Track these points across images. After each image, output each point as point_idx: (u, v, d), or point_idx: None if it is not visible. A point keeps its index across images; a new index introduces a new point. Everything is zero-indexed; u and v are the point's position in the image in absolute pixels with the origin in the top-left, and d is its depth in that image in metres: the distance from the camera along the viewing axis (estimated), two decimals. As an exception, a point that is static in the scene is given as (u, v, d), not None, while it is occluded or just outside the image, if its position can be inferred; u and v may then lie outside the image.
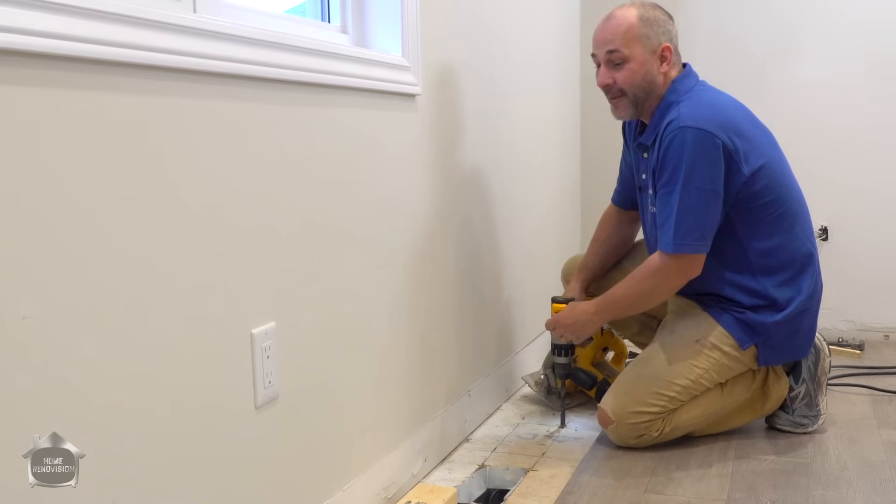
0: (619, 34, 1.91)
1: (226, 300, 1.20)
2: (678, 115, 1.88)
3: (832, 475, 1.81)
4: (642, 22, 1.92)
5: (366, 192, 1.58)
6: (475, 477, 1.87)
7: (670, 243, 1.88)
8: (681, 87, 1.95)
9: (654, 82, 1.94)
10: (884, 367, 2.59)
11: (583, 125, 3.21)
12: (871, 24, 2.90)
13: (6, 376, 0.87)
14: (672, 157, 1.86)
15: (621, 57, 1.92)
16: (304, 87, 1.39)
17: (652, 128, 1.97)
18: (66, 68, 0.93)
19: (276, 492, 1.32)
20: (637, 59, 1.92)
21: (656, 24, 1.93)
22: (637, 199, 2.15)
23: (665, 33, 1.95)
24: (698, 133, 1.84)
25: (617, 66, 1.93)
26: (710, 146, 1.84)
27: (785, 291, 1.96)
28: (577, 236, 3.15)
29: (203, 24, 1.14)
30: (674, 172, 1.87)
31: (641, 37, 1.91)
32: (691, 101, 1.91)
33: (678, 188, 1.86)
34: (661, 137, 1.91)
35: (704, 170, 1.85)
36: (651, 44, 1.92)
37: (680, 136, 1.85)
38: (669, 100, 1.95)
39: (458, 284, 2.03)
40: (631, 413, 1.95)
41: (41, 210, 0.91)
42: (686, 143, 1.84)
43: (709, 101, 1.93)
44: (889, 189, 2.92)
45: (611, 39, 1.92)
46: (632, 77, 1.93)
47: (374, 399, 1.63)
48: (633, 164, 2.13)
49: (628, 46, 1.91)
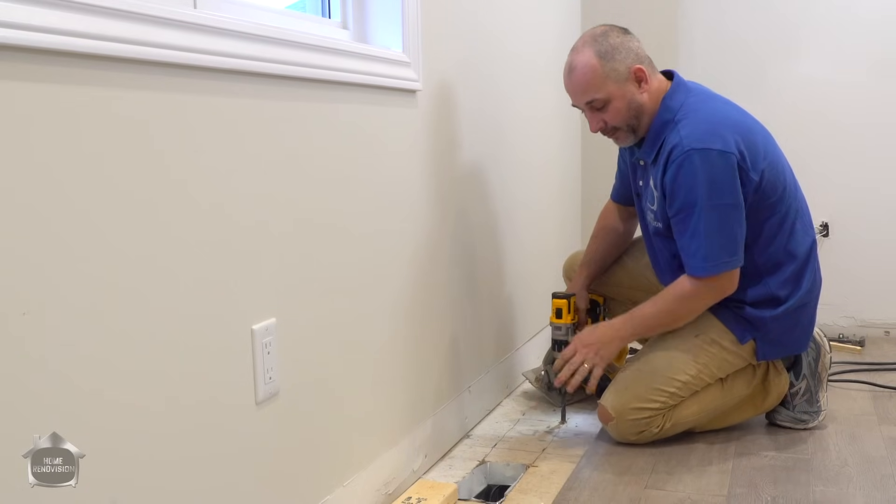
0: (588, 83, 1.89)
1: (226, 296, 1.20)
2: (680, 140, 1.85)
3: (832, 471, 1.81)
4: (603, 60, 1.88)
5: (366, 188, 1.58)
6: (475, 473, 1.87)
7: (702, 267, 1.86)
8: (672, 104, 1.92)
9: (642, 105, 1.92)
10: (884, 364, 2.59)
11: (583, 122, 3.20)
12: (872, 22, 2.89)
13: (6, 373, 0.87)
14: (684, 182, 1.84)
15: (601, 102, 1.91)
16: (305, 83, 1.38)
17: (650, 144, 1.95)
18: (64, 64, 0.93)
19: (277, 488, 1.32)
20: (615, 95, 1.90)
21: (616, 52, 1.90)
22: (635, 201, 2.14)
23: (628, 55, 1.91)
24: (706, 153, 1.82)
25: (601, 109, 1.92)
26: (721, 163, 1.83)
27: (786, 287, 1.97)
28: (577, 233, 3.15)
29: (203, 19, 1.13)
30: (688, 197, 1.84)
31: (609, 73, 1.88)
32: (688, 119, 1.88)
33: (698, 211, 1.83)
34: (665, 159, 1.88)
35: (721, 187, 1.83)
36: (620, 74, 1.89)
37: (688, 161, 1.83)
38: (664, 118, 1.92)
39: (458, 280, 2.03)
40: (631, 409, 1.95)
41: (41, 206, 0.90)
42: (697, 167, 1.82)
43: (705, 115, 1.90)
44: (890, 186, 2.92)
45: (583, 91, 1.91)
46: (618, 113, 1.92)
47: (374, 395, 1.63)
48: (630, 168, 2.12)
49: (601, 90, 1.89)
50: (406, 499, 1.63)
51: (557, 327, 2.14)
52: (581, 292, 2.23)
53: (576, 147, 3.16)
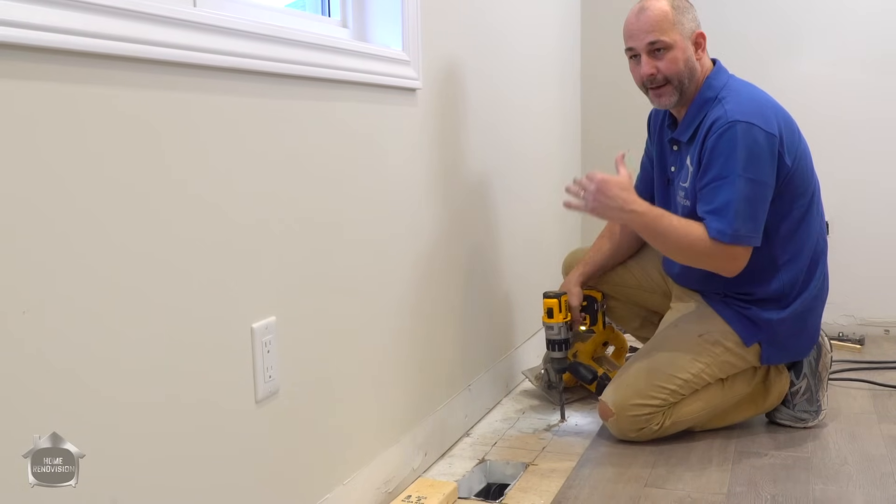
0: (658, 23, 1.92)
1: (226, 294, 1.20)
2: (724, 112, 1.87)
3: (832, 469, 1.81)
4: (675, 10, 1.93)
5: (366, 186, 1.58)
6: (475, 471, 1.87)
7: (727, 231, 1.83)
8: (716, 83, 1.96)
9: (695, 68, 1.95)
10: (884, 362, 2.60)
11: (583, 118, 3.21)
12: (873, 19, 2.89)
13: (6, 372, 0.86)
14: (723, 150, 1.85)
15: (664, 44, 1.92)
16: (304, 82, 1.38)
17: (687, 122, 1.97)
18: (65, 62, 0.92)
19: (276, 486, 1.32)
20: (678, 46, 1.93)
21: (687, 11, 1.96)
22: (656, 195, 2.13)
23: (694, 20, 1.97)
24: (749, 127, 1.84)
25: (659, 56, 1.93)
26: (761, 140, 1.84)
27: (795, 287, 1.96)
28: (577, 230, 3.15)
29: (203, 17, 1.13)
30: (726, 164, 1.84)
31: (677, 23, 1.93)
32: (732, 97, 1.92)
33: (732, 178, 1.83)
34: (705, 133, 1.90)
35: (759, 163, 1.84)
36: (685, 30, 1.94)
37: (731, 130, 1.85)
38: (706, 95, 1.95)
39: (458, 278, 2.03)
40: (632, 405, 1.95)
41: (42, 205, 0.90)
42: (738, 137, 1.84)
43: (749, 95, 1.94)
44: (890, 184, 2.92)
45: (650, 30, 1.92)
46: (675, 63, 1.93)
47: (374, 393, 1.63)
48: (658, 157, 2.12)
49: (668, 34, 1.92)
50: (406, 497, 1.63)
51: (550, 327, 2.13)
52: (574, 289, 2.21)
53: (576, 141, 3.16)
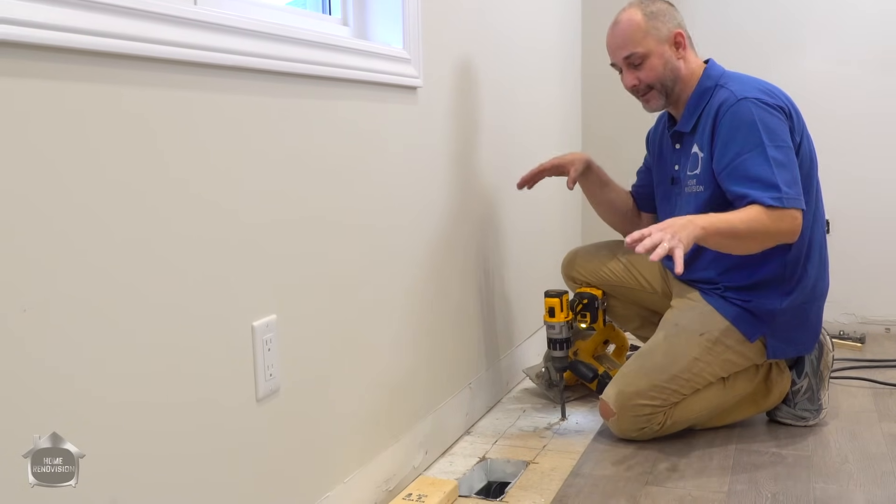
0: (629, 36, 1.96)
1: (227, 292, 1.20)
2: (730, 93, 1.90)
3: (833, 468, 1.81)
4: (647, 18, 1.96)
5: (367, 184, 1.58)
6: (476, 469, 1.87)
7: (780, 195, 1.77)
8: (713, 73, 1.99)
9: (677, 68, 1.98)
10: (885, 360, 2.59)
11: (584, 115, 3.20)
12: (875, 17, 2.89)
13: (5, 371, 0.86)
14: (740, 124, 1.86)
15: (639, 56, 1.96)
16: (305, 80, 1.38)
17: (689, 113, 2.00)
18: (66, 60, 0.92)
19: (277, 485, 1.32)
20: (655, 53, 1.96)
21: (661, 15, 1.97)
22: (657, 201, 2.15)
23: (671, 21, 1.98)
24: (759, 102, 1.87)
25: (637, 66, 1.97)
26: (774, 111, 1.87)
27: (795, 268, 1.94)
28: (577, 228, 3.14)
29: (204, 16, 1.13)
30: (749, 137, 1.84)
31: (651, 31, 1.95)
32: (734, 81, 1.95)
33: (762, 149, 1.82)
34: (713, 115, 1.91)
35: (777, 132, 1.85)
36: (661, 34, 1.96)
37: (741, 107, 1.87)
38: (706, 85, 1.98)
39: (459, 277, 2.03)
40: (633, 405, 1.94)
41: (42, 203, 0.90)
42: (753, 110, 1.86)
43: (751, 79, 1.97)
44: (892, 183, 2.92)
45: (622, 45, 1.97)
46: (654, 70, 1.96)
47: (375, 392, 1.63)
48: (658, 164, 2.14)
49: (641, 44, 1.95)
50: (407, 495, 1.63)
51: (552, 326, 2.13)
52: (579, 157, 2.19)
53: (577, 138, 3.16)
